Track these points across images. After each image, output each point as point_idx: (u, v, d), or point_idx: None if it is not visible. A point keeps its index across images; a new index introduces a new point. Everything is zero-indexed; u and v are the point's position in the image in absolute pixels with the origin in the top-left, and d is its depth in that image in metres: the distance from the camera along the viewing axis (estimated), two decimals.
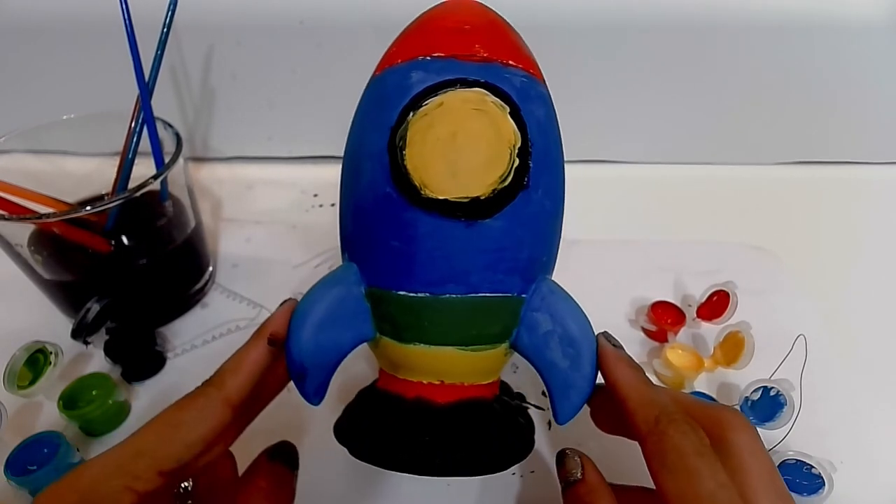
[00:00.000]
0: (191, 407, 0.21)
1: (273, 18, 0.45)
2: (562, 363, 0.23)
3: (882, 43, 0.45)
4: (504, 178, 0.21)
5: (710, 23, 0.45)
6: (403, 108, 0.22)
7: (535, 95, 0.23)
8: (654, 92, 0.49)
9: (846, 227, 0.47)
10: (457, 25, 0.23)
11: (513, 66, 0.22)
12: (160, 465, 0.19)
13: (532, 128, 0.22)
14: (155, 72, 0.34)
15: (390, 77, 0.23)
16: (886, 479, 0.30)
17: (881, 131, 0.51)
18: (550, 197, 0.23)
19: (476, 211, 0.21)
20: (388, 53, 0.24)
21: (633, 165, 0.53)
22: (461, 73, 0.22)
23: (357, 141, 0.23)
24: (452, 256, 0.22)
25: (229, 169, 0.53)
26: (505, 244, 0.22)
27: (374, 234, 0.23)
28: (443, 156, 0.21)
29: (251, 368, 0.22)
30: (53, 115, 0.37)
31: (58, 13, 0.44)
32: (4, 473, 0.27)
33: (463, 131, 0.21)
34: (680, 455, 0.19)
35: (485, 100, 0.21)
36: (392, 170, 0.22)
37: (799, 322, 0.37)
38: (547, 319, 0.23)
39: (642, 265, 0.42)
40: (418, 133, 0.21)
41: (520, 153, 0.22)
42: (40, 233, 0.33)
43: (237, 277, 0.41)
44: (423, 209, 0.21)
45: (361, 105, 0.24)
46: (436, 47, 0.22)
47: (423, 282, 0.22)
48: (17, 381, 0.31)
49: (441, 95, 0.21)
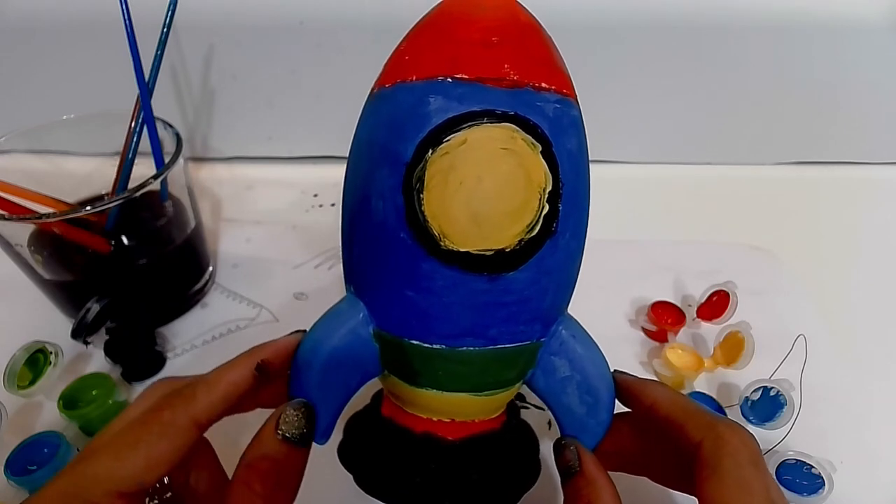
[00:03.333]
0: (153, 422, 0.19)
1: (273, 18, 0.45)
2: (578, 409, 0.23)
3: (882, 43, 0.45)
4: (532, 226, 0.19)
5: (710, 23, 0.45)
6: (421, 142, 0.19)
7: (569, 123, 0.20)
8: (654, 92, 0.49)
9: (846, 227, 0.47)
10: (484, 36, 0.19)
11: (545, 90, 0.20)
12: (119, 488, 0.18)
13: (564, 166, 0.20)
14: (155, 72, 0.34)
15: (404, 97, 0.20)
16: (886, 479, 0.30)
17: (881, 131, 0.51)
18: (577, 237, 0.21)
19: (500, 264, 0.19)
20: (400, 59, 0.21)
21: (633, 165, 0.53)
22: (488, 102, 0.19)
23: (365, 169, 0.21)
24: (472, 311, 0.20)
25: (229, 169, 0.53)
26: (528, 295, 0.20)
27: (385, 278, 0.21)
28: (466, 203, 0.19)
29: (228, 389, 0.20)
30: (53, 115, 0.37)
31: (58, 13, 0.44)
32: (4, 473, 0.27)
33: (489, 175, 0.19)
34: (736, 464, 0.18)
35: (514, 137, 0.19)
36: (408, 214, 0.19)
37: (799, 322, 0.37)
38: (565, 365, 0.22)
39: (642, 265, 0.42)
40: (438, 175, 0.19)
41: (550, 198, 0.19)
42: (40, 233, 0.33)
43: (237, 277, 0.41)
44: (441, 261, 0.19)
45: (368, 122, 0.21)
46: (459, 65, 0.19)
47: (439, 334, 0.21)
48: (17, 381, 0.31)
49: (465, 131, 0.19)
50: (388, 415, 0.24)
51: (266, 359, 0.21)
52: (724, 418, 0.20)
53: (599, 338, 0.24)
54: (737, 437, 0.19)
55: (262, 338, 0.37)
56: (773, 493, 0.18)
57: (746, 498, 0.18)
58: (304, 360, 0.22)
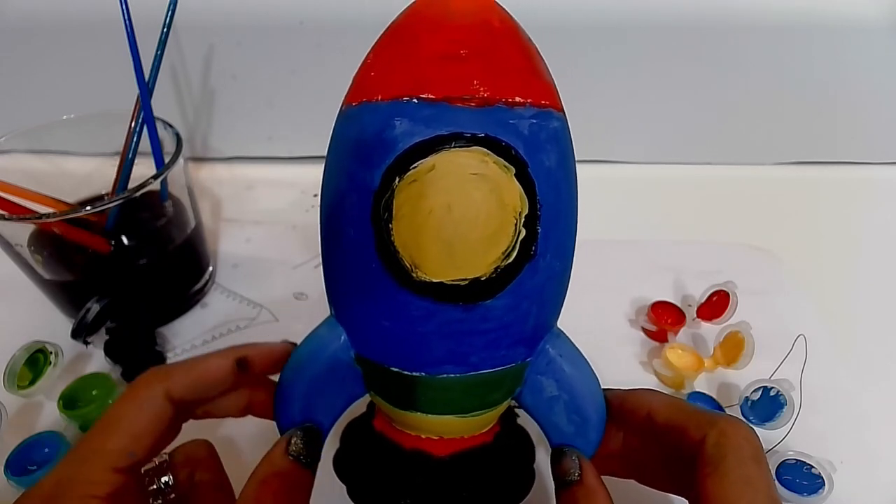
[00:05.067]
0: (133, 398, 0.20)
1: (273, 18, 0.45)
2: (567, 428, 0.22)
3: (882, 43, 0.45)
4: (508, 253, 0.18)
5: (710, 23, 0.45)
6: (387, 169, 0.18)
7: (547, 137, 0.19)
8: (654, 92, 0.49)
9: (846, 227, 0.47)
10: (451, 49, 0.18)
11: (520, 105, 0.18)
12: (112, 463, 0.18)
13: (542, 186, 0.19)
14: (155, 72, 0.34)
15: (369, 120, 0.19)
16: (886, 479, 0.30)
17: (881, 131, 0.51)
18: (560, 255, 0.20)
19: (475, 293, 0.19)
20: (366, 75, 0.19)
21: (633, 165, 0.53)
22: (456, 124, 0.18)
23: (335, 195, 0.20)
24: (449, 339, 0.20)
25: (229, 169, 0.53)
26: (508, 321, 0.20)
27: (360, 306, 0.20)
28: (436, 233, 0.18)
29: (204, 374, 0.21)
30: (53, 115, 0.37)
31: (58, 13, 0.44)
32: (4, 473, 0.27)
33: (459, 203, 0.18)
34: (739, 460, 0.18)
35: (485, 161, 0.18)
36: (378, 244, 0.19)
37: (799, 322, 0.37)
38: (552, 384, 0.22)
39: (642, 265, 0.42)
40: (406, 204, 0.18)
41: (526, 222, 0.18)
42: (40, 233, 0.33)
43: (237, 277, 0.41)
44: (414, 292, 0.19)
45: (336, 144, 0.20)
46: (424, 84, 0.18)
47: (418, 363, 0.20)
48: (17, 381, 0.31)
49: (433, 157, 0.18)
50: (380, 429, 0.23)
51: (249, 356, 0.22)
52: (724, 415, 0.20)
53: (599, 338, 0.24)
54: (740, 433, 0.19)
55: (262, 338, 0.37)
56: (773, 493, 0.18)
57: (749, 495, 0.18)
58: (287, 385, 0.22)
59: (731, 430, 0.19)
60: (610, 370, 0.26)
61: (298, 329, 0.22)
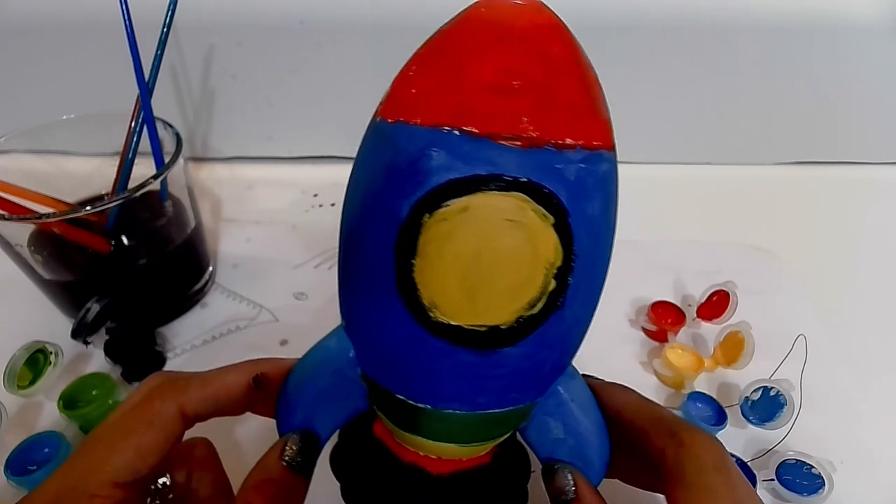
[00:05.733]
0: (144, 412, 0.19)
1: (273, 18, 0.45)
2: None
3: (882, 43, 0.45)
4: (534, 304, 0.17)
5: (711, 23, 0.45)
6: (417, 202, 0.17)
7: (594, 184, 0.18)
8: (654, 92, 0.49)
9: (846, 227, 0.47)
10: (502, 79, 0.16)
11: (570, 147, 0.17)
12: (115, 478, 0.18)
13: (580, 237, 0.17)
14: (155, 72, 0.34)
15: (404, 144, 0.17)
16: (886, 479, 0.30)
17: (881, 131, 0.51)
18: (588, 304, 0.19)
19: (494, 341, 0.18)
20: (405, 89, 0.17)
21: (634, 165, 0.53)
22: (498, 165, 0.16)
23: (361, 214, 0.19)
24: (459, 381, 0.19)
25: (229, 169, 0.53)
26: (524, 368, 0.19)
27: (372, 332, 0.20)
28: (461, 278, 0.17)
29: (221, 390, 0.21)
30: (53, 115, 0.37)
31: (58, 13, 0.44)
32: (4, 473, 0.27)
33: (489, 250, 0.17)
34: (699, 469, 0.18)
35: (524, 208, 0.16)
36: (398, 277, 0.18)
37: (799, 322, 0.37)
38: (559, 427, 0.21)
39: (642, 265, 0.42)
40: (433, 242, 0.17)
41: (558, 274, 0.17)
42: (40, 233, 0.33)
43: (237, 277, 0.41)
44: (429, 331, 0.18)
45: (367, 159, 0.19)
46: (468, 115, 0.16)
47: (424, 396, 0.20)
48: (17, 381, 0.31)
49: (467, 197, 0.16)
50: (379, 436, 0.23)
51: (266, 372, 0.21)
52: (686, 424, 0.20)
53: (599, 338, 0.23)
54: (698, 443, 0.19)
55: (263, 338, 0.37)
56: (741, 493, 0.18)
57: (712, 502, 0.18)
58: (291, 394, 0.22)
59: (690, 441, 0.19)
60: (610, 370, 0.26)
61: (298, 329, 0.22)
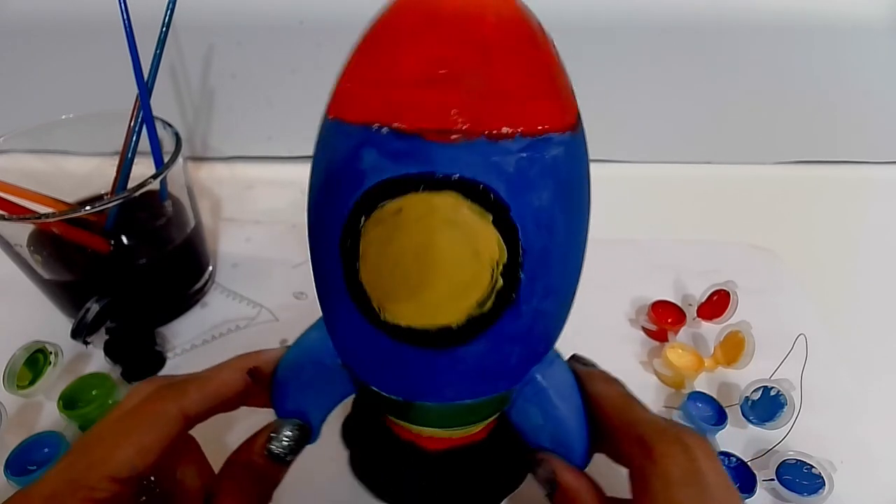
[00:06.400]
0: (146, 412, 0.20)
1: (273, 18, 0.45)
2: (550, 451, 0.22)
3: (882, 43, 0.45)
4: (483, 302, 0.17)
5: (711, 23, 0.45)
6: (354, 205, 0.16)
7: (540, 171, 0.16)
8: (654, 92, 0.49)
9: (846, 227, 0.47)
10: (428, 69, 0.15)
11: (507, 136, 0.15)
12: (113, 473, 0.18)
13: (527, 231, 0.16)
14: (154, 71, 0.34)
15: (340, 143, 0.17)
16: (886, 479, 0.30)
17: (881, 131, 0.51)
18: (554, 294, 0.18)
19: (447, 340, 0.17)
20: (343, 84, 0.17)
21: (633, 165, 0.53)
22: (429, 162, 0.15)
23: (314, 213, 0.19)
24: (422, 378, 0.19)
25: (229, 169, 0.53)
26: (486, 364, 0.18)
27: (338, 332, 0.20)
28: (402, 280, 0.17)
29: (219, 390, 0.21)
30: (53, 115, 0.37)
31: (58, 13, 0.44)
32: (4, 473, 0.27)
33: (426, 253, 0.16)
34: (665, 484, 0.18)
35: (458, 207, 0.16)
36: (346, 280, 0.17)
37: (799, 322, 0.37)
38: (538, 414, 0.21)
39: (642, 265, 0.42)
40: (373, 245, 0.17)
41: (505, 271, 0.16)
42: (40, 233, 0.33)
43: (237, 277, 0.41)
44: (385, 333, 0.18)
45: (316, 154, 0.19)
46: (397, 111, 0.15)
47: (395, 390, 0.20)
48: (17, 381, 0.31)
49: (401, 199, 0.16)
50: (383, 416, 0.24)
51: (258, 365, 0.22)
52: (658, 433, 0.19)
53: (599, 338, 0.24)
54: (668, 456, 0.18)
55: (263, 337, 0.37)
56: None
57: None
58: (281, 383, 0.23)
59: (659, 455, 0.18)
60: (610, 370, 0.26)
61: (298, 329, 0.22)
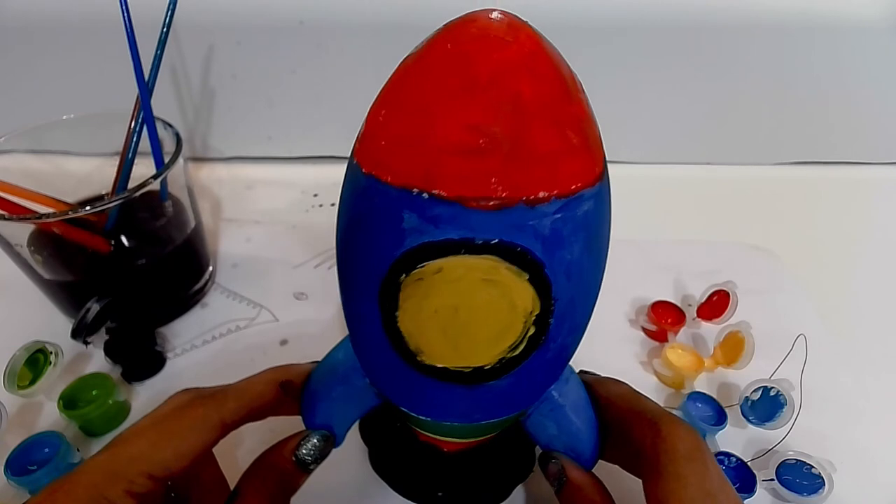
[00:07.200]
0: (187, 418, 0.21)
1: (273, 18, 0.45)
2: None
3: (882, 43, 0.45)
4: (515, 347, 0.18)
5: (710, 23, 0.45)
6: (395, 262, 0.17)
7: (574, 228, 0.17)
8: (654, 92, 0.49)
9: (846, 227, 0.47)
10: (467, 138, 0.15)
11: (544, 200, 0.16)
12: (150, 470, 0.19)
13: (559, 283, 0.17)
14: (155, 72, 0.34)
15: (377, 199, 0.17)
16: (886, 479, 0.30)
17: (881, 131, 0.51)
18: (575, 330, 0.20)
19: (479, 377, 0.19)
20: (375, 138, 0.17)
21: (634, 166, 0.53)
22: (469, 227, 0.16)
23: (349, 253, 0.19)
24: (451, 406, 0.21)
25: (229, 169, 0.53)
26: (512, 394, 0.20)
27: (370, 364, 0.21)
28: (441, 329, 0.18)
29: (254, 402, 0.23)
30: (53, 115, 0.36)
31: (58, 13, 0.44)
32: (4, 473, 0.27)
33: (466, 306, 0.17)
34: (672, 459, 0.19)
35: (497, 268, 0.16)
36: (385, 326, 0.18)
37: (799, 322, 0.37)
38: (553, 427, 0.23)
39: (642, 265, 0.42)
40: (412, 299, 0.17)
41: (538, 320, 0.18)
42: (40, 233, 0.33)
43: (237, 277, 0.41)
44: (419, 371, 0.19)
45: (348, 202, 0.18)
46: (436, 177, 0.16)
47: (422, 412, 0.22)
48: (17, 381, 0.31)
49: (441, 260, 0.16)
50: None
51: (290, 379, 0.24)
52: (666, 415, 0.21)
53: (599, 338, 0.24)
54: (674, 433, 0.20)
55: (262, 337, 0.37)
56: (710, 483, 0.19)
57: (680, 491, 0.19)
58: (310, 398, 0.24)
59: (666, 431, 0.20)
60: (610, 370, 0.26)
61: (298, 329, 0.23)
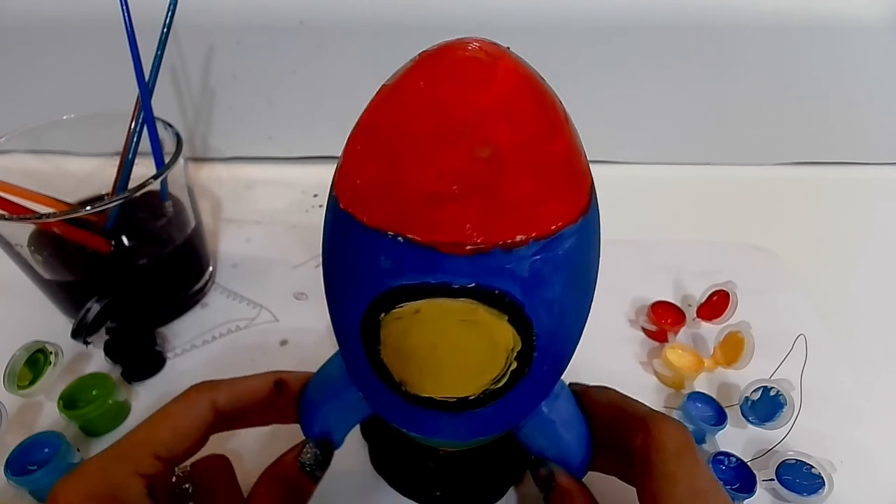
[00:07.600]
0: (182, 401, 0.23)
1: (273, 18, 0.45)
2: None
3: (882, 43, 0.45)
4: (498, 380, 0.18)
5: (710, 23, 0.45)
6: (372, 301, 0.17)
7: (555, 267, 0.16)
8: (654, 92, 0.49)
9: (846, 227, 0.47)
10: (441, 186, 0.15)
11: (521, 244, 0.15)
12: (155, 451, 0.21)
13: (540, 321, 0.17)
14: (155, 72, 0.34)
15: (354, 237, 0.17)
16: (886, 479, 0.30)
17: (881, 131, 0.51)
18: (563, 357, 0.20)
19: (464, 406, 0.19)
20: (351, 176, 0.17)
21: (633, 165, 0.53)
22: (445, 272, 0.16)
23: (333, 288, 0.19)
24: (439, 430, 0.21)
25: (229, 169, 0.53)
26: (501, 417, 0.21)
27: (361, 387, 0.22)
28: (422, 365, 0.18)
29: (246, 391, 0.24)
30: (53, 115, 0.37)
31: (58, 13, 0.44)
32: (4, 473, 0.27)
33: (445, 345, 0.17)
34: (662, 458, 0.20)
35: (475, 310, 0.16)
36: (369, 358, 0.19)
37: (799, 322, 0.37)
38: (543, 441, 0.23)
39: (642, 265, 0.42)
40: (392, 336, 0.17)
41: (519, 356, 0.17)
42: (40, 233, 0.33)
43: (237, 277, 0.41)
44: (405, 399, 0.19)
45: (329, 231, 0.19)
46: (411, 223, 0.15)
47: (415, 431, 0.22)
48: (17, 381, 0.31)
49: (419, 302, 0.16)
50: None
51: (285, 379, 0.24)
52: (653, 414, 0.21)
53: (599, 338, 0.24)
54: (662, 431, 0.20)
55: (262, 337, 0.37)
56: (700, 481, 0.19)
57: (670, 488, 0.19)
58: (307, 408, 0.25)
59: (656, 429, 0.20)
60: (610, 370, 0.26)
61: (298, 329, 0.23)
